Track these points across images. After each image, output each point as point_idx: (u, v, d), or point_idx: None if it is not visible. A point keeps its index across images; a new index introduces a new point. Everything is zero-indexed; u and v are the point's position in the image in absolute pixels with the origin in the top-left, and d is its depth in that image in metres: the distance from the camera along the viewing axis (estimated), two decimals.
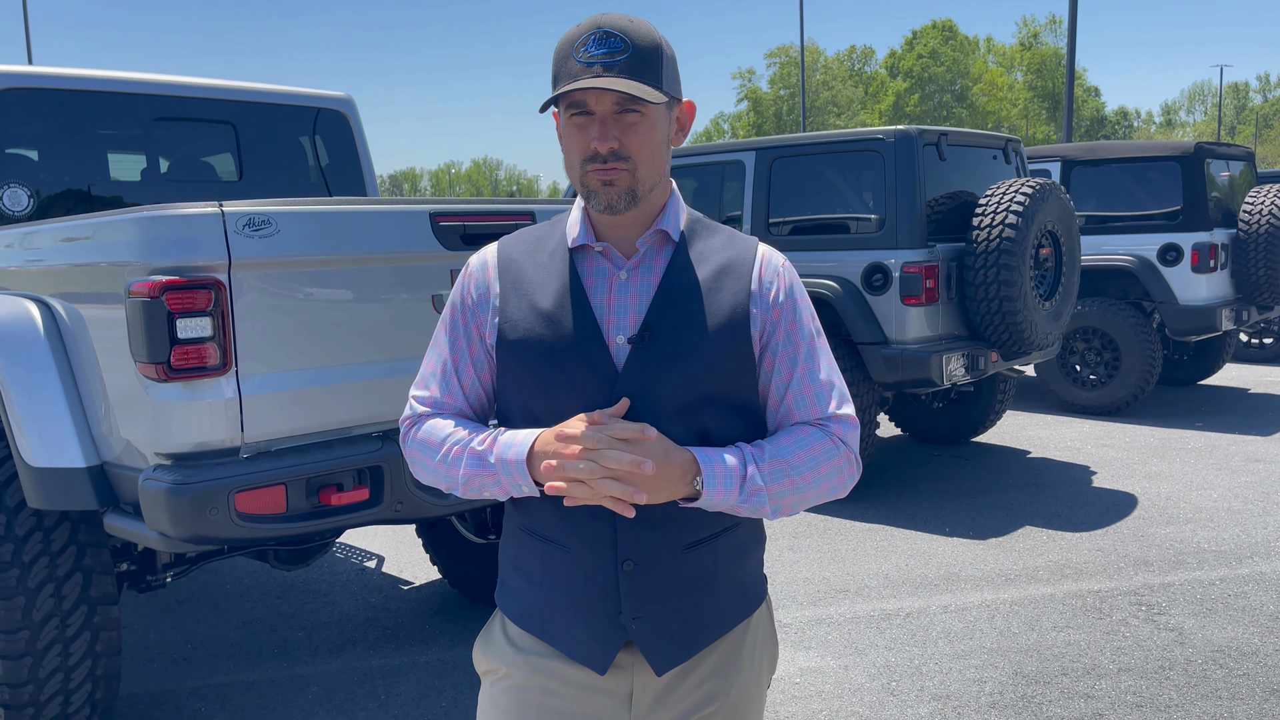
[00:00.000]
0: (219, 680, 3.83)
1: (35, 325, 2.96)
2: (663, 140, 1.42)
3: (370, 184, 5.02)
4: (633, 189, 1.40)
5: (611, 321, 1.42)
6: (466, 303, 1.51)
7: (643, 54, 1.37)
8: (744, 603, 1.53)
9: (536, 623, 1.48)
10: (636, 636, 1.43)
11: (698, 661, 1.49)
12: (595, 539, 1.42)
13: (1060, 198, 6.04)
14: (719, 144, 6.80)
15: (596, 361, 1.40)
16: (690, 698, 1.49)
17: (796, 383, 1.45)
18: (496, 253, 1.52)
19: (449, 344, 1.53)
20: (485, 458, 1.40)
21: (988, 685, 3.59)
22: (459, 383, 1.52)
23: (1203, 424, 7.80)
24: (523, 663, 1.49)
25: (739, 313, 1.43)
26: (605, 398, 1.39)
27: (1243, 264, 8.24)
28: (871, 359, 5.75)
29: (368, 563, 5.20)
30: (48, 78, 4.12)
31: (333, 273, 2.82)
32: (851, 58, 74.09)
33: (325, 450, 2.78)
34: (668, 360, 1.40)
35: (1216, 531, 5.20)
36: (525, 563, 1.50)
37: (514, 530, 1.53)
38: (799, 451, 1.40)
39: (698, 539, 1.45)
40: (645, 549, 1.42)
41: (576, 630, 1.45)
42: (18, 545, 2.91)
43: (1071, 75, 17.09)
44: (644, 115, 1.38)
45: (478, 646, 1.57)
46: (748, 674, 1.54)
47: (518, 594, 1.51)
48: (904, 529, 5.43)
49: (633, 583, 1.42)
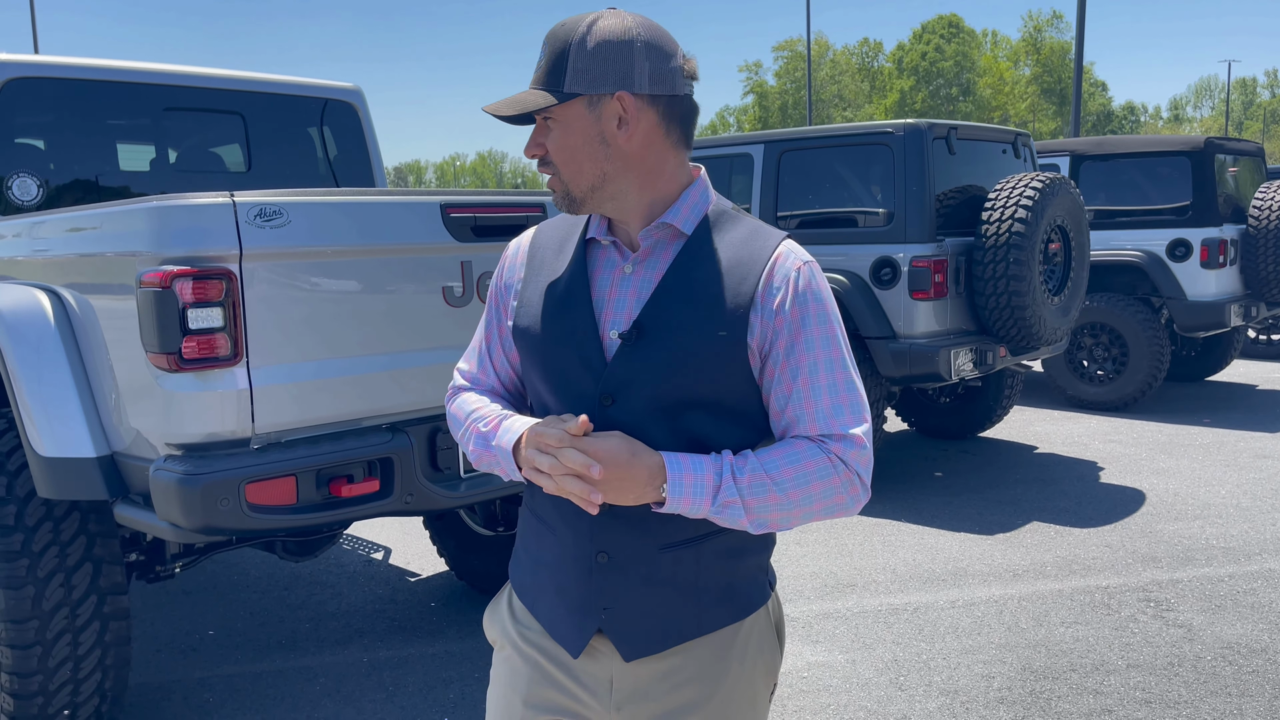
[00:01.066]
0: (227, 670, 3.83)
1: (46, 315, 2.96)
2: (586, 140, 1.37)
3: (379, 175, 5.01)
4: (567, 192, 1.40)
5: (609, 315, 1.41)
6: (498, 284, 1.56)
7: (552, 58, 1.37)
8: (732, 607, 1.47)
9: (530, 596, 1.53)
10: (605, 625, 1.44)
11: (680, 661, 1.46)
12: (575, 527, 1.44)
13: (1070, 192, 6.02)
14: (727, 136, 6.78)
15: (588, 354, 1.40)
16: (670, 698, 1.46)
17: (796, 397, 1.37)
18: (531, 238, 1.56)
19: (485, 323, 1.59)
20: (488, 440, 1.45)
21: (996, 680, 3.58)
22: (490, 362, 1.58)
23: (1211, 420, 7.78)
24: (518, 635, 1.54)
25: (737, 318, 1.36)
26: (592, 391, 1.39)
27: (1252, 260, 8.21)
28: (879, 353, 5.74)
29: (375, 554, 5.20)
30: (56, 67, 4.11)
31: (344, 263, 2.82)
32: (862, 51, 73.91)
33: (336, 441, 2.78)
34: (653, 360, 1.36)
35: (1225, 528, 5.18)
36: (527, 539, 1.55)
37: (524, 507, 1.58)
38: (787, 467, 1.33)
39: (677, 540, 1.41)
40: (619, 544, 1.41)
41: (557, 611, 1.48)
42: (28, 535, 2.91)
43: (1079, 69, 17.03)
44: (555, 119, 1.38)
45: (487, 614, 1.64)
46: (736, 679, 1.49)
47: (521, 567, 1.56)
48: (911, 524, 5.42)
49: (604, 575, 1.43)
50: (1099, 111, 68.05)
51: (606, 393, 1.38)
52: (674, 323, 1.36)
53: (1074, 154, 8.40)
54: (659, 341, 1.36)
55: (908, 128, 5.83)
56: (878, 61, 73.65)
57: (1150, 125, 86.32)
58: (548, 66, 1.38)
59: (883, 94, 67.96)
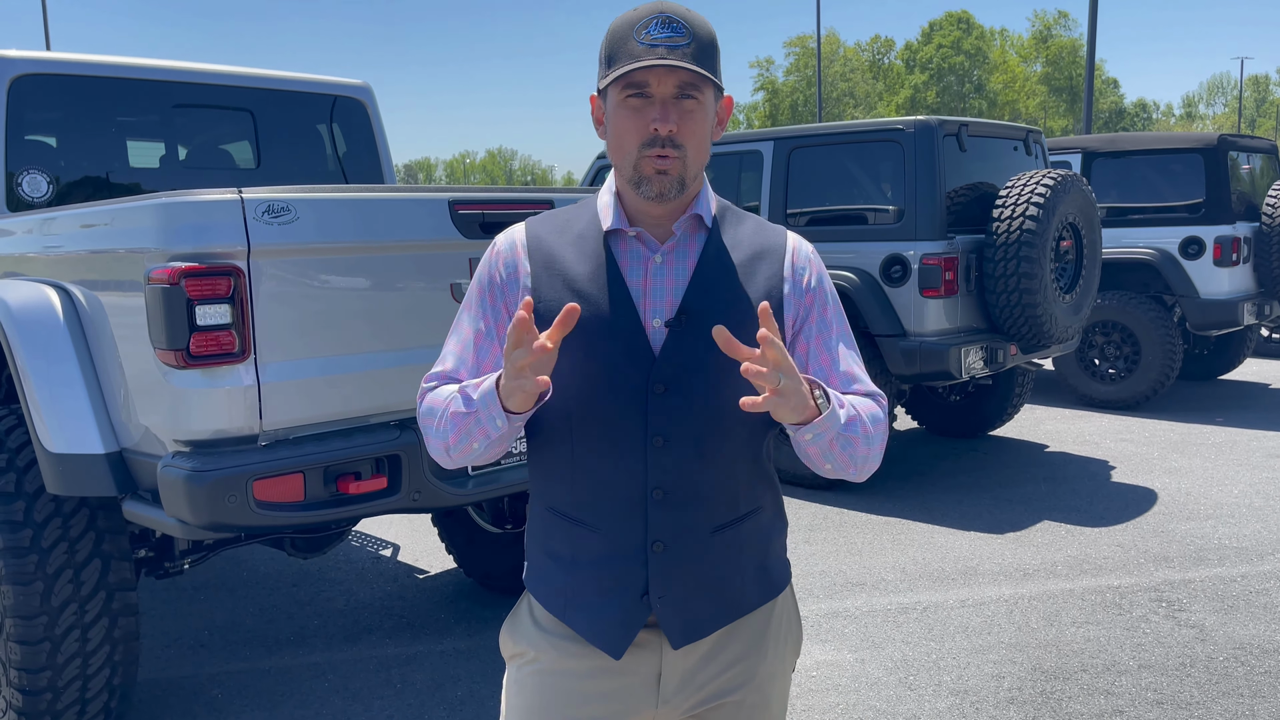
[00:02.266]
0: (235, 667, 3.84)
1: (55, 311, 2.96)
2: (709, 129, 1.43)
3: (388, 172, 5.01)
4: (683, 177, 1.40)
5: (648, 305, 1.43)
6: (496, 280, 1.49)
7: (702, 44, 1.38)
8: (768, 586, 1.54)
9: (560, 604, 1.49)
10: (659, 613, 1.45)
11: (724, 644, 1.50)
12: (627, 520, 1.43)
13: (1081, 190, 5.98)
14: (737, 134, 6.76)
15: (634, 344, 1.41)
16: (717, 681, 1.51)
17: (837, 365, 1.48)
18: (525, 232, 1.51)
19: (473, 323, 1.50)
20: (469, 393, 1.38)
21: (1006, 680, 3.56)
22: (478, 361, 1.49)
23: (1223, 419, 7.73)
24: (549, 646, 1.49)
25: (774, 297, 1.45)
26: (642, 380, 1.40)
27: (1265, 258, 8.15)
28: (889, 351, 5.71)
29: (383, 551, 5.21)
30: (67, 64, 4.12)
31: (351, 260, 2.81)
32: (873, 48, 73.71)
33: (343, 438, 2.77)
34: (704, 343, 1.40)
35: (1237, 528, 5.15)
36: (553, 544, 1.50)
37: (540, 512, 1.53)
38: (865, 407, 1.43)
39: (725, 521, 1.47)
40: (675, 530, 1.43)
41: (600, 612, 1.45)
42: (36, 531, 2.92)
43: (1091, 66, 16.95)
44: (700, 103, 1.39)
45: (505, 629, 1.58)
46: (773, 658, 1.56)
47: (545, 576, 1.52)
48: (920, 522, 5.40)
49: (661, 564, 1.44)
50: (1111, 109, 67.73)
51: (659, 380, 1.40)
52: (717, 306, 1.42)
53: (1086, 151, 8.35)
54: (706, 325, 1.39)
55: (918, 125, 5.80)
56: (888, 59, 73.46)
57: (1163, 122, 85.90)
58: (701, 52, 1.38)
59: (894, 91, 67.78)
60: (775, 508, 1.56)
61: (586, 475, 1.44)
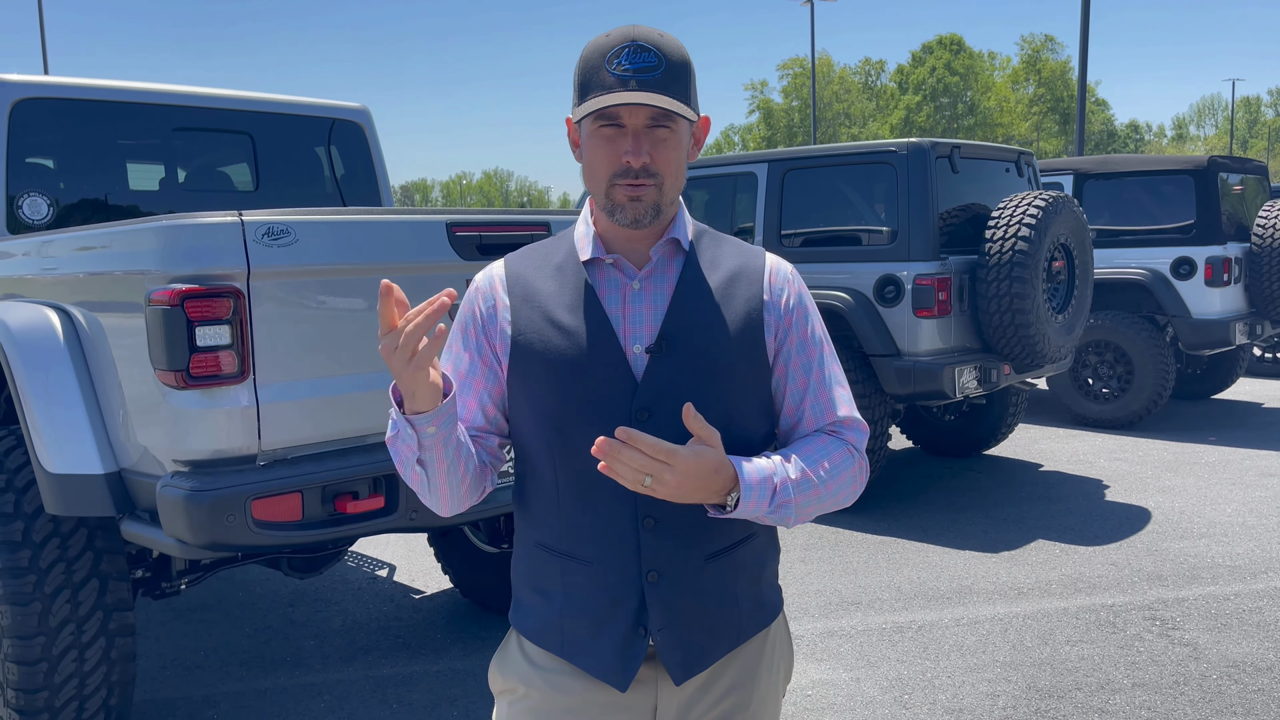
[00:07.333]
0: (232, 688, 3.84)
1: (55, 333, 2.99)
2: (682, 155, 1.42)
3: (385, 194, 5.05)
4: (658, 204, 1.39)
5: (628, 331, 1.42)
6: (478, 317, 1.49)
7: (674, 70, 1.36)
8: (761, 613, 1.53)
9: (555, 640, 1.46)
10: (659, 647, 1.43)
11: (718, 673, 1.49)
12: (619, 552, 1.41)
13: (1073, 211, 6.04)
14: (731, 156, 6.81)
15: (615, 372, 1.40)
16: (713, 712, 1.49)
17: (813, 389, 1.47)
18: (503, 268, 1.51)
19: (455, 362, 1.49)
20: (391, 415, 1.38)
21: (1001, 699, 3.57)
22: (460, 400, 1.47)
23: (1216, 438, 7.77)
24: (543, 682, 1.47)
25: (753, 319, 1.45)
26: (625, 407, 1.39)
27: (1256, 278, 8.21)
28: (883, 371, 5.75)
29: (379, 571, 5.21)
30: (67, 88, 4.16)
31: (350, 282, 2.84)
32: (865, 70, 74.20)
33: (341, 458, 2.79)
34: (685, 368, 1.40)
35: (1230, 546, 5.17)
36: (542, 580, 1.48)
37: (528, 547, 1.51)
38: (822, 461, 1.42)
39: (719, 549, 1.45)
40: (669, 558, 1.41)
41: (597, 646, 1.43)
42: (35, 551, 2.93)
43: (1083, 87, 17.09)
44: (673, 131, 1.38)
45: (494, 666, 1.56)
46: (766, 685, 1.55)
47: (534, 612, 1.49)
48: (915, 541, 5.42)
49: (657, 594, 1.41)
50: (1102, 130, 68.14)
51: (642, 407, 1.39)
52: (697, 330, 1.42)
53: (1077, 172, 8.42)
54: (687, 350, 1.40)
55: (911, 146, 5.86)
56: (880, 80, 73.92)
57: (1154, 144, 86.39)
58: (671, 77, 1.36)
59: (887, 112, 68.16)
60: (768, 533, 1.55)
61: (573, 506, 1.42)
